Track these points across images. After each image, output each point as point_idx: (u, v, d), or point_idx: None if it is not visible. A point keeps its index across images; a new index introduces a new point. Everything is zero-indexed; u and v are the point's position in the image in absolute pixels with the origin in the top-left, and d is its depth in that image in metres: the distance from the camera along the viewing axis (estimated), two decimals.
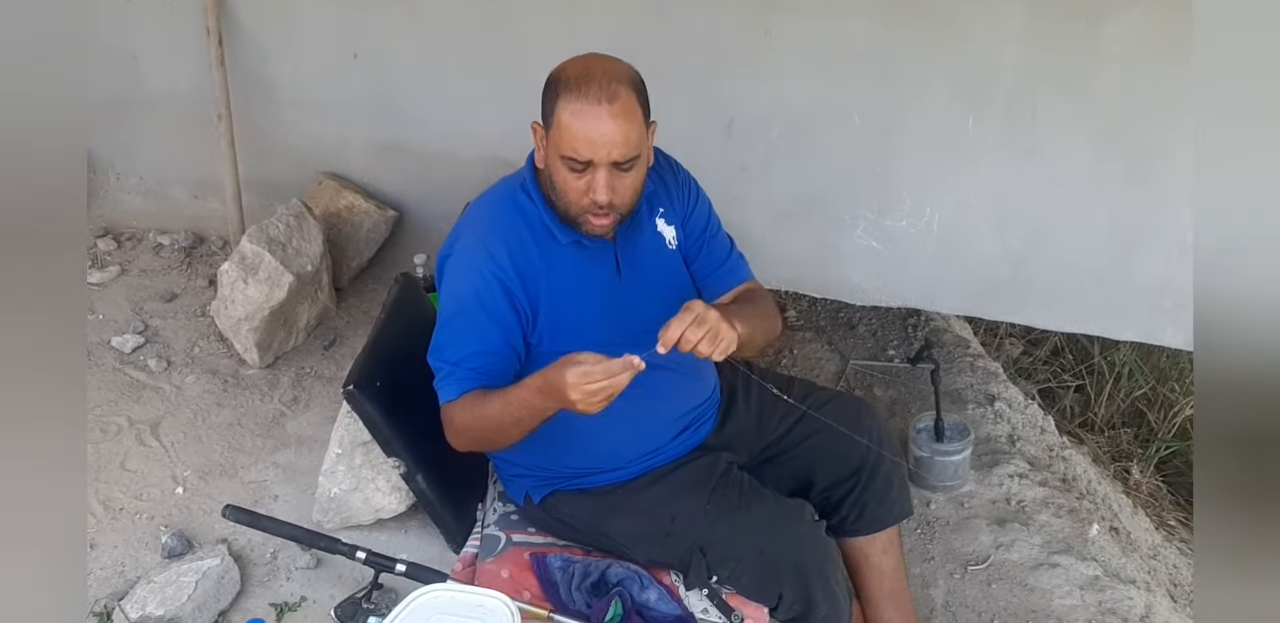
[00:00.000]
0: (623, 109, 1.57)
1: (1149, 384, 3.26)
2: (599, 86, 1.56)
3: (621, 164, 1.60)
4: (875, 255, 2.46)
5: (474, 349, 1.68)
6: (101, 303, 2.71)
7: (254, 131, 2.78)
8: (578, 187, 1.62)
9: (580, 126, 1.56)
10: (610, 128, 1.56)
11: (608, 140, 1.56)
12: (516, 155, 1.82)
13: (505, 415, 1.61)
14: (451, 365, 1.69)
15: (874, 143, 2.34)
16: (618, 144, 1.57)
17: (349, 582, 1.96)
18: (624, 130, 1.57)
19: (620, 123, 1.56)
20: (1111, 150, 2.21)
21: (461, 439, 1.72)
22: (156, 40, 2.79)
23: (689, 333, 1.50)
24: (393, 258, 2.83)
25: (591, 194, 1.61)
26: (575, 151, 1.58)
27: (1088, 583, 2.21)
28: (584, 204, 1.63)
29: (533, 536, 1.96)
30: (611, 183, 1.60)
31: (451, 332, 1.70)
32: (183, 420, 2.37)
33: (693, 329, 1.50)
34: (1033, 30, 2.15)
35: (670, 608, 1.84)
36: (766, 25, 2.29)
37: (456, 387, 1.67)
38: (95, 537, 2.07)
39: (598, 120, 1.56)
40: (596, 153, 1.57)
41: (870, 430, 1.95)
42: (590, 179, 1.60)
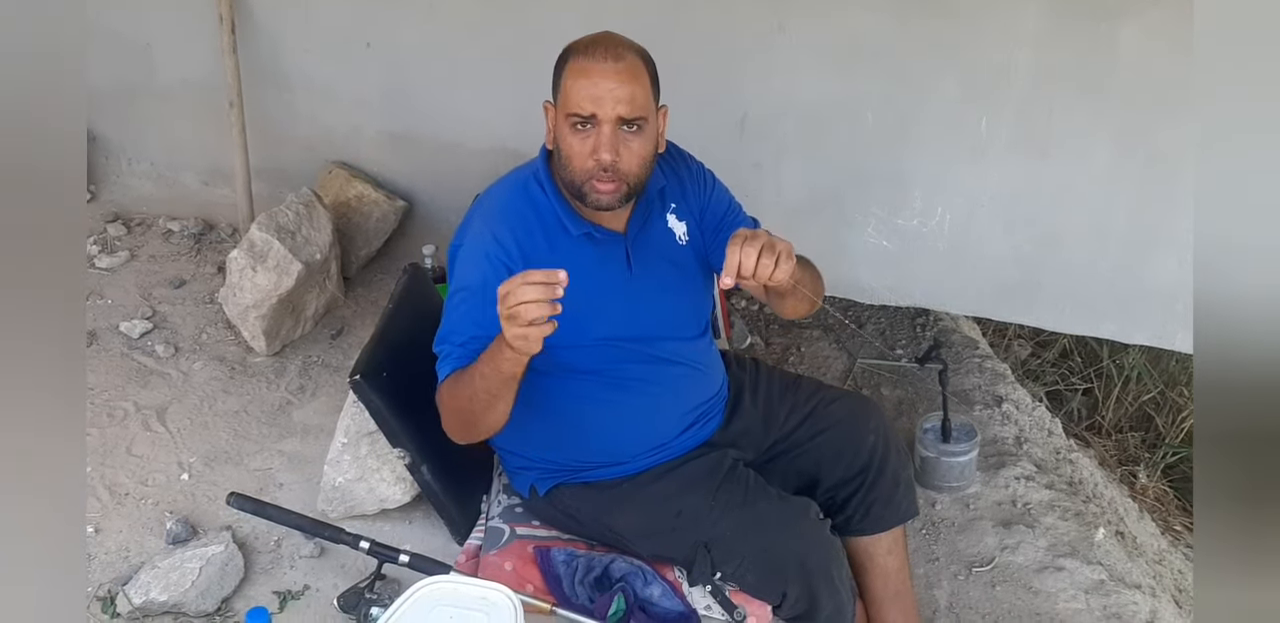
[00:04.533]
0: (629, 68, 1.57)
1: (1158, 389, 3.24)
2: (605, 48, 1.58)
3: (627, 121, 1.58)
4: (885, 254, 2.45)
5: (473, 333, 1.65)
6: (110, 288, 2.71)
7: (265, 119, 2.78)
8: (583, 149, 1.60)
9: (585, 82, 1.57)
10: (615, 83, 1.56)
11: (613, 96, 1.56)
12: (527, 147, 1.81)
13: (478, 385, 1.57)
14: (448, 347, 1.68)
15: (886, 141, 2.33)
16: (623, 100, 1.57)
17: (352, 572, 1.95)
18: (629, 89, 1.57)
19: (626, 80, 1.57)
20: (1126, 152, 2.20)
21: (451, 422, 1.69)
22: (169, 27, 2.79)
23: (747, 253, 1.44)
24: (401, 248, 2.83)
25: (596, 153, 1.59)
26: (580, 107, 1.57)
27: (1093, 587, 2.21)
28: (589, 167, 1.61)
29: (537, 529, 1.96)
30: (616, 143, 1.59)
31: (456, 318, 1.69)
32: (189, 407, 2.37)
33: (748, 249, 1.44)
34: (1049, 30, 2.13)
35: (673, 604, 1.83)
36: (780, 22, 2.28)
37: (446, 368, 1.66)
38: (100, 521, 2.07)
39: (603, 76, 1.56)
40: (601, 107, 1.56)
41: (876, 430, 1.94)
42: (595, 139, 1.59)
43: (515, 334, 1.42)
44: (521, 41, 2.47)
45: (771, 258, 1.45)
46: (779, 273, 1.46)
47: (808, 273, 1.71)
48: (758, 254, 1.44)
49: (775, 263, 1.45)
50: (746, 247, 1.45)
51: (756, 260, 1.44)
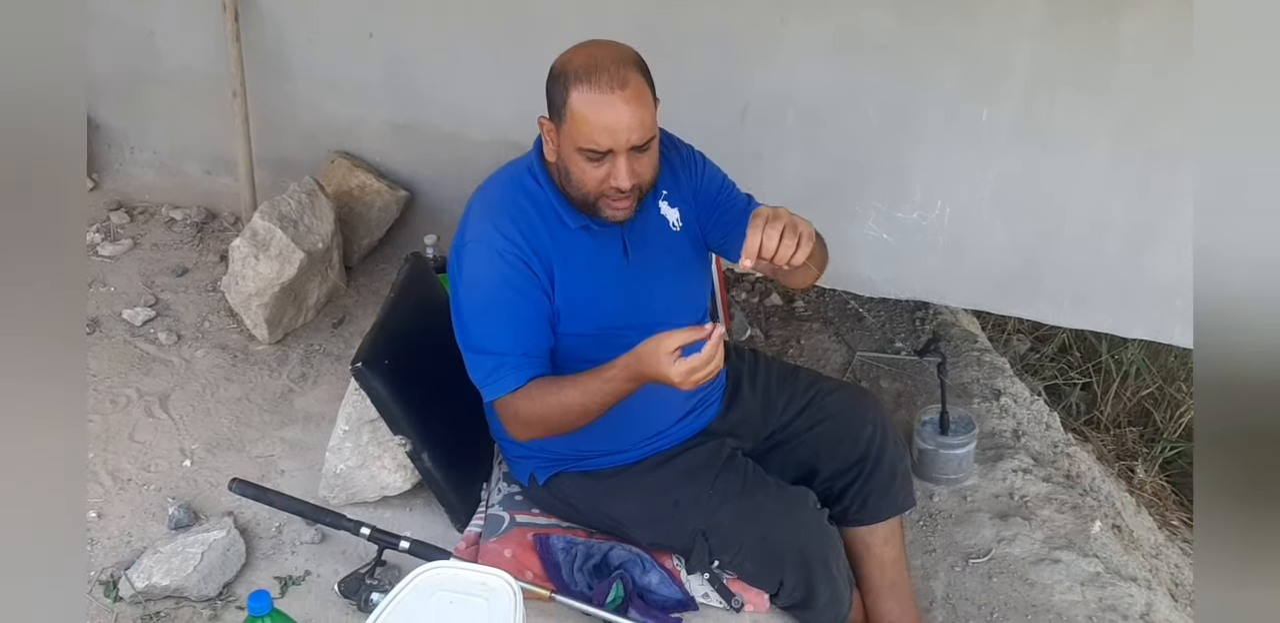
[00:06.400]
0: (635, 93, 1.57)
1: (1156, 384, 3.25)
2: (609, 74, 1.55)
3: (640, 147, 1.59)
4: (885, 247, 2.46)
5: (518, 335, 1.67)
6: (113, 276, 2.72)
7: (268, 108, 2.78)
8: (597, 176, 1.61)
9: (597, 117, 1.55)
10: (626, 114, 1.55)
11: (625, 126, 1.56)
12: (528, 139, 1.82)
13: (590, 403, 1.61)
14: (500, 356, 1.67)
15: (887, 134, 2.33)
16: (635, 129, 1.57)
17: (353, 558, 1.97)
18: (639, 115, 1.57)
19: (635, 107, 1.56)
20: (1127, 147, 2.20)
21: (531, 429, 1.70)
22: (172, 16, 2.79)
23: (769, 235, 1.45)
24: (403, 238, 2.83)
25: (614, 181, 1.60)
26: (595, 143, 1.57)
27: (1088, 579, 2.22)
28: (604, 190, 1.62)
29: (536, 516, 1.97)
30: (632, 167, 1.60)
31: (488, 320, 1.68)
32: (191, 394, 2.38)
33: (770, 230, 1.45)
34: (1050, 24, 2.13)
35: (671, 592, 1.85)
36: (783, 14, 2.28)
37: (514, 377, 1.66)
38: (102, 507, 2.08)
39: (613, 109, 1.55)
40: (616, 141, 1.57)
41: (874, 421, 1.95)
42: (610, 167, 1.59)
43: (693, 382, 1.51)
44: (524, 32, 2.47)
45: (794, 240, 1.46)
46: (800, 255, 1.46)
47: (816, 245, 1.70)
48: (779, 236, 1.45)
49: (796, 245, 1.45)
50: (769, 229, 1.45)
51: (778, 242, 1.45)
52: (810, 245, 1.48)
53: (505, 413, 1.70)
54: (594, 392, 1.60)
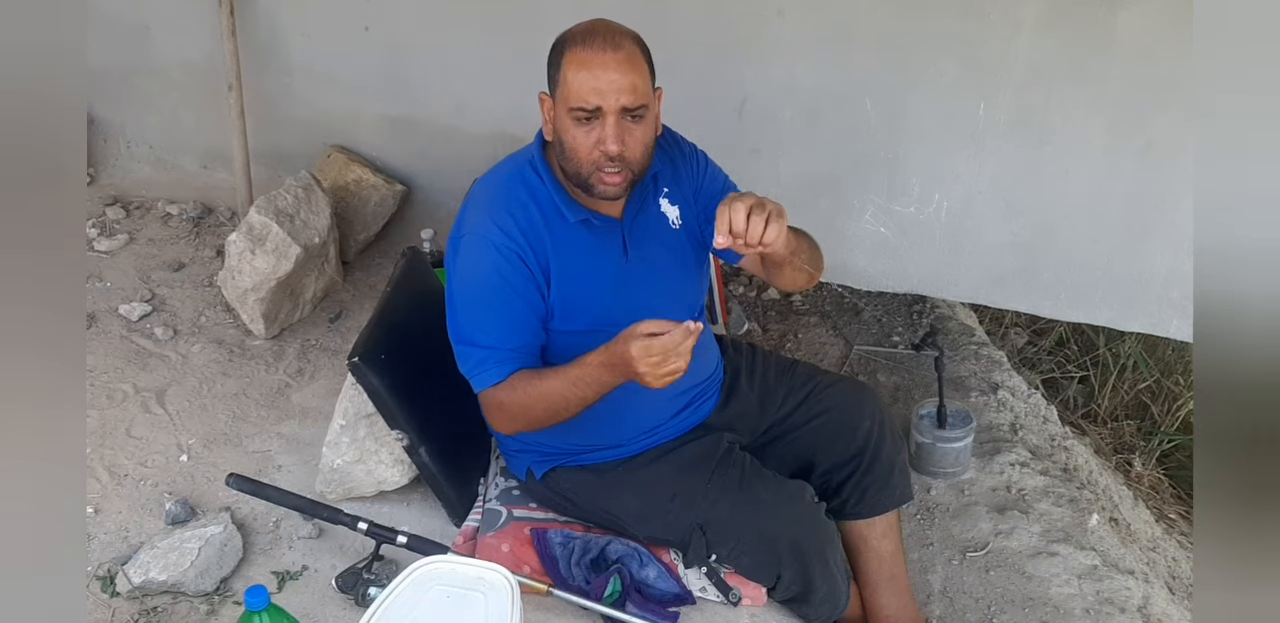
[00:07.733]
0: (629, 57, 1.57)
1: (1153, 377, 3.25)
2: (603, 38, 1.57)
3: (631, 111, 1.59)
4: (883, 241, 2.45)
5: (507, 329, 1.67)
6: (109, 271, 2.72)
7: (264, 103, 2.78)
8: (587, 142, 1.60)
9: (587, 75, 1.56)
10: (617, 74, 1.56)
11: (615, 87, 1.56)
12: (525, 132, 1.82)
13: (570, 394, 1.61)
14: (487, 349, 1.67)
15: (884, 128, 2.33)
16: (625, 90, 1.57)
17: (350, 552, 1.97)
18: (630, 78, 1.57)
19: (626, 70, 1.57)
20: (1124, 140, 2.20)
21: (515, 422, 1.71)
22: (168, 10, 2.78)
23: (736, 209, 1.46)
24: (400, 232, 2.83)
25: (602, 145, 1.59)
26: (584, 100, 1.57)
27: (1086, 572, 2.22)
28: (595, 158, 1.61)
29: (534, 511, 1.97)
30: (621, 133, 1.59)
31: (479, 313, 1.68)
32: (188, 389, 2.38)
33: (738, 206, 1.47)
34: (1048, 18, 2.13)
35: (669, 586, 1.85)
36: (779, 7, 2.27)
37: (499, 370, 1.66)
38: (100, 502, 2.08)
39: (604, 68, 1.56)
40: (605, 99, 1.56)
41: (872, 415, 1.95)
42: (600, 130, 1.59)
43: (656, 377, 1.50)
44: (520, 26, 2.46)
45: (762, 216, 1.47)
46: (769, 232, 1.47)
47: (804, 243, 1.71)
48: (748, 211, 1.46)
49: (765, 222, 1.47)
50: (736, 204, 1.47)
51: (747, 219, 1.46)
52: (782, 223, 1.49)
53: (489, 405, 1.71)
54: (573, 379, 1.60)
